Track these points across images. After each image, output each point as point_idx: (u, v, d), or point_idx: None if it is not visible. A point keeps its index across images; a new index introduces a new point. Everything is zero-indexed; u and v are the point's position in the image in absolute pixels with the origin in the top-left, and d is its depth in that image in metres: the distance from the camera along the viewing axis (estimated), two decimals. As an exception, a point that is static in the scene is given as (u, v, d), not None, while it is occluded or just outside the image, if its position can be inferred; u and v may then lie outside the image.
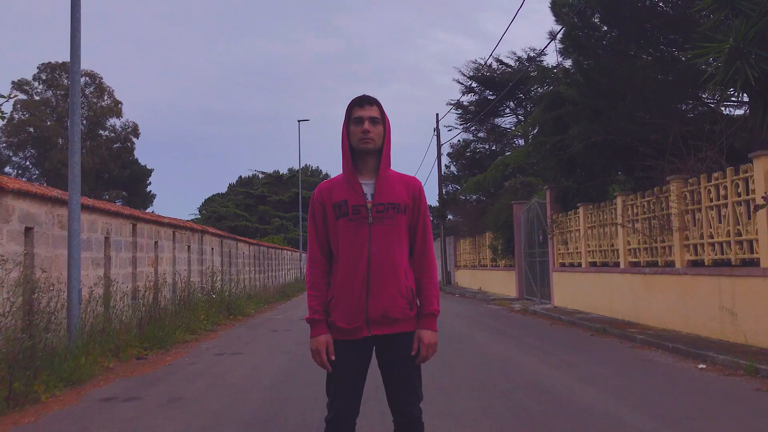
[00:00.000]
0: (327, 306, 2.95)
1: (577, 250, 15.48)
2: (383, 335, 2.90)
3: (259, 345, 11.10)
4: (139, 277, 12.55)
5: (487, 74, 30.64)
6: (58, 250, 9.27)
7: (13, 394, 6.48)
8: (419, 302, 2.98)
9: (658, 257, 11.24)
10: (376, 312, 2.86)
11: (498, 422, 5.20)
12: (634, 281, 12.08)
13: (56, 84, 54.69)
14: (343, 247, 2.91)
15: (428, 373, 7.26)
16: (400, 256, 2.93)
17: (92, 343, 8.73)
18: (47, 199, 9.04)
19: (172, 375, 8.24)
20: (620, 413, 5.43)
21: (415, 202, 3.02)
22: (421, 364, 2.98)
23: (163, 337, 10.89)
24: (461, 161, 33.20)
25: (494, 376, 7.40)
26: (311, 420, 5.35)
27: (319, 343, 2.90)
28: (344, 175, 3.02)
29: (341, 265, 2.92)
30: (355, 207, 2.91)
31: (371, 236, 2.88)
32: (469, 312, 17.15)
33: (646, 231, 11.58)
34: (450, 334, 11.84)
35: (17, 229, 8.25)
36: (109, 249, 11.18)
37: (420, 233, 3.02)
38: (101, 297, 10.37)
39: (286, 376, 7.79)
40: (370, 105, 2.98)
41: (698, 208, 9.93)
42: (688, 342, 8.98)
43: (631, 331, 10.57)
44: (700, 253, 9.94)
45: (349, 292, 2.88)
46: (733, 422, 5.09)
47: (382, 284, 2.87)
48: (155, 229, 13.64)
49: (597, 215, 14.24)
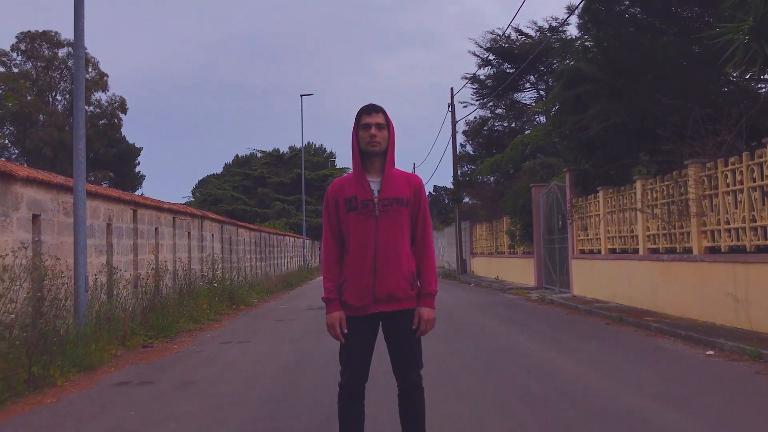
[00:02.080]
0: (340, 287, 3.81)
1: (596, 236, 16.28)
2: (388, 312, 3.77)
3: (266, 334, 12.02)
4: (140, 265, 13.47)
5: (505, 46, 31.27)
6: (63, 237, 10.19)
7: (32, 377, 7.42)
8: (419, 283, 3.84)
9: (676, 244, 12.04)
10: (382, 292, 3.73)
11: (501, 401, 6.08)
12: (652, 269, 12.89)
13: (37, 55, 55.35)
14: (354, 237, 3.76)
15: (436, 358, 8.19)
16: (402, 244, 3.80)
17: (100, 330, 9.67)
18: (53, 186, 9.94)
19: (181, 362, 9.16)
20: (617, 393, 6.29)
21: (416, 197, 3.88)
22: (421, 337, 3.83)
23: (167, 325, 11.84)
24: (477, 140, 33.93)
25: (501, 361, 8.27)
26: (321, 400, 6.23)
27: (334, 319, 3.77)
28: (354, 173, 3.88)
29: (351, 252, 3.78)
30: (364, 202, 3.77)
31: (378, 227, 3.74)
32: (483, 301, 18.02)
33: (665, 216, 12.36)
34: (461, 323, 12.72)
35: (26, 216, 9.16)
36: (111, 236, 12.09)
37: (420, 224, 3.89)
38: (105, 285, 11.30)
39: (295, 362, 8.70)
40: (376, 113, 3.83)
41: (715, 193, 10.70)
42: (702, 330, 9.80)
43: (647, 319, 11.40)
44: (717, 239, 10.72)
45: (358, 275, 3.75)
46: (724, 400, 5.94)
47: (387, 268, 3.73)
48: (155, 215, 14.55)
49: (617, 200, 15.01)
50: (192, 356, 9.66)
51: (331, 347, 8.67)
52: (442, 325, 12.15)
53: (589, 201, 16.82)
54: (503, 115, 33.33)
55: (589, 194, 17.02)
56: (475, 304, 17.26)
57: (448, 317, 13.73)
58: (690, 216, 11.35)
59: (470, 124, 33.82)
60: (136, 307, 11.87)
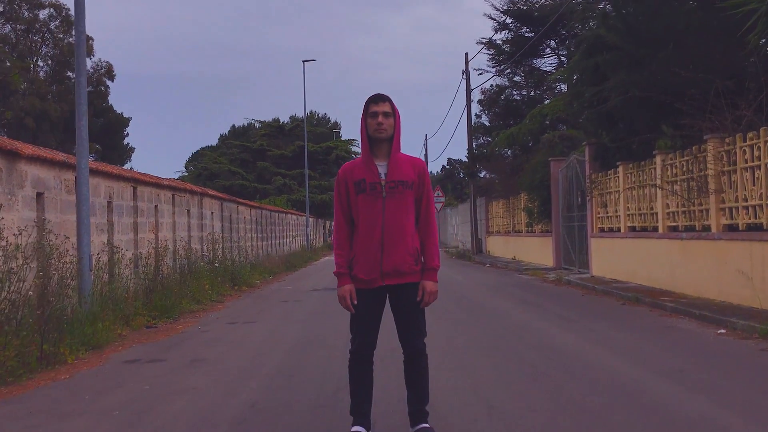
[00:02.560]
0: (350, 262, 4.58)
1: (616, 214, 17.01)
2: (394, 285, 4.56)
3: (272, 315, 12.87)
4: (140, 244, 14.31)
5: (523, 8, 31.76)
6: (66, 215, 11.00)
7: (43, 354, 8.27)
8: (423, 259, 4.62)
9: (695, 221, 12.76)
10: (389, 267, 4.50)
11: (503, 374, 6.89)
12: (671, 247, 13.63)
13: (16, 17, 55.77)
14: (363, 216, 4.54)
15: (444, 336, 9.03)
16: (407, 223, 4.57)
17: (105, 310, 10.52)
18: (55, 164, 10.74)
19: (188, 341, 10.01)
20: (619, 367, 7.08)
21: (420, 180, 4.65)
22: (425, 307, 4.61)
23: (170, 306, 12.69)
24: (494, 110, 34.53)
25: (509, 339, 9.09)
26: (331, 374, 7.04)
27: (345, 291, 4.56)
28: (363, 157, 4.65)
29: (361, 230, 4.56)
30: (372, 184, 4.54)
31: (385, 207, 4.51)
32: (496, 282, 18.83)
33: (684, 193, 13.07)
34: (471, 304, 13.55)
35: (30, 194, 9.97)
36: (111, 214, 12.91)
37: (424, 204, 4.66)
38: (106, 264, 12.13)
39: (304, 341, 9.54)
40: (383, 102, 4.59)
41: (733, 169, 11.40)
42: (716, 309, 10.56)
43: (663, 299, 12.17)
44: (735, 217, 11.44)
45: (367, 251, 4.53)
46: (722, 374, 6.73)
47: (393, 245, 4.51)
48: (155, 192, 15.36)
49: (637, 175, 15.72)
50: (198, 336, 10.50)
51: (338, 327, 9.55)
52: (452, 305, 13.02)
53: (609, 176, 17.53)
54: (522, 84, 33.89)
55: (609, 169, 17.71)
56: (488, 285, 18.07)
57: (459, 298, 14.55)
58: (709, 193, 12.06)
59: (486, 93, 34.43)
60: (139, 287, 12.71)
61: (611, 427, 4.99)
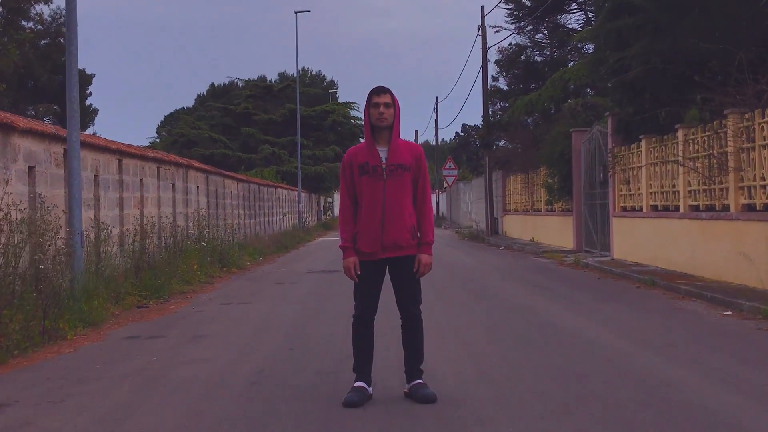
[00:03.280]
0: (354, 237, 6.11)
1: (638, 192, 18.51)
2: (394, 257, 6.11)
3: (267, 296, 14.47)
4: (126, 220, 15.86)
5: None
6: (55, 189, 12.53)
7: (45, 330, 9.82)
8: (419, 234, 6.16)
9: (716, 200, 14.26)
10: (389, 241, 6.04)
11: (499, 347, 8.49)
12: (692, 228, 15.16)
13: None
14: (365, 196, 6.06)
15: (446, 316, 10.60)
16: (406, 202, 6.11)
17: (98, 288, 12.07)
18: (45, 136, 12.26)
19: (184, 320, 11.59)
20: (614, 343, 8.67)
21: (417, 163, 6.18)
22: (420, 278, 6.15)
23: (159, 286, 14.25)
24: (513, 71, 35.84)
25: (510, 318, 10.70)
26: (333, 347, 8.61)
27: (349, 263, 6.11)
28: (366, 143, 6.18)
29: (364, 208, 6.09)
30: (374, 167, 6.07)
31: (385, 188, 6.04)
32: (509, 266, 20.43)
33: (705, 170, 14.56)
34: (478, 286, 15.17)
35: (23, 168, 11.49)
36: (98, 189, 14.44)
37: (420, 186, 6.20)
38: (94, 241, 13.67)
39: (304, 318, 11.16)
40: (384, 94, 6.12)
41: (752, 146, 12.89)
42: (730, 293, 12.09)
43: (679, 282, 13.72)
44: (753, 196, 12.94)
45: (369, 227, 6.06)
46: (708, 348, 8.30)
47: (392, 222, 6.04)
48: (140, 165, 16.90)
49: (659, 150, 17.21)
50: (193, 315, 12.08)
51: (338, 307, 11.16)
52: (457, 289, 14.68)
53: (632, 151, 19.00)
54: (543, 43, 35.10)
55: (632, 143, 19.15)
56: (499, 268, 19.66)
57: (466, 281, 16.15)
58: (728, 171, 13.55)
59: (504, 53, 35.68)
60: (128, 266, 14.27)
61: (589, 387, 6.55)
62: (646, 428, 5.38)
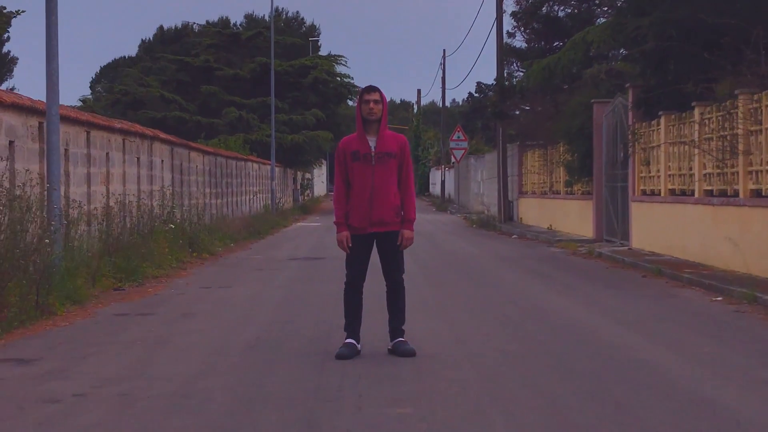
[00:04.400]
0: (346, 215, 9.31)
1: (657, 174, 21.53)
2: (380, 232, 9.39)
3: (249, 280, 17.72)
4: (93, 198, 18.93)
5: None
6: (32, 165, 15.59)
7: (38, 305, 12.90)
8: (402, 213, 9.40)
9: (728, 185, 17.33)
10: (376, 218, 9.29)
11: (479, 324, 11.75)
12: (705, 214, 18.27)
13: None
14: (356, 179, 9.31)
15: (436, 300, 13.82)
16: (391, 185, 9.37)
17: (78, 267, 15.16)
18: (23, 109, 15.32)
19: (168, 301, 14.73)
20: (593, 322, 11.90)
21: (402, 152, 9.43)
22: (403, 250, 9.37)
23: (132, 269, 17.33)
24: (532, 26, 38.08)
25: (500, 302, 13.94)
26: (324, 321, 11.77)
27: (342, 236, 9.37)
28: (357, 134, 9.44)
29: (354, 190, 9.36)
30: (365, 154, 9.29)
31: (374, 173, 9.27)
32: (517, 255, 23.68)
33: (718, 153, 17.63)
34: (475, 274, 18.51)
35: (4, 143, 14.55)
36: (68, 164, 17.51)
37: (404, 171, 9.48)
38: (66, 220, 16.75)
39: (291, 299, 14.40)
40: (374, 92, 9.39)
41: (759, 129, 15.96)
42: (726, 280, 15.18)
43: (685, 271, 16.85)
44: (761, 181, 16.01)
45: (359, 206, 9.33)
46: (675, 325, 11.53)
47: (380, 202, 9.31)
48: (106, 138, 19.98)
49: (678, 128, 20.25)
50: (176, 297, 15.21)
51: (325, 290, 14.37)
52: (453, 277, 17.99)
53: (652, 128, 21.99)
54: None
55: (653, 119, 22.02)
56: (504, 257, 22.89)
57: (464, 270, 19.53)
58: (738, 153, 16.62)
59: (521, 3, 37.62)
60: (99, 246, 17.36)
61: (550, 352, 9.70)
62: (584, 374, 8.52)
